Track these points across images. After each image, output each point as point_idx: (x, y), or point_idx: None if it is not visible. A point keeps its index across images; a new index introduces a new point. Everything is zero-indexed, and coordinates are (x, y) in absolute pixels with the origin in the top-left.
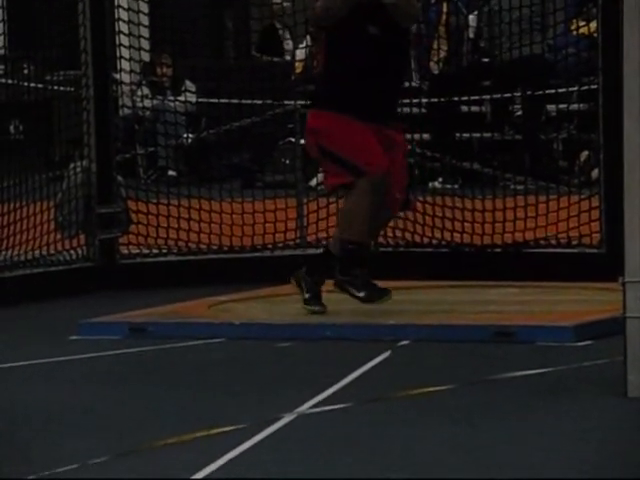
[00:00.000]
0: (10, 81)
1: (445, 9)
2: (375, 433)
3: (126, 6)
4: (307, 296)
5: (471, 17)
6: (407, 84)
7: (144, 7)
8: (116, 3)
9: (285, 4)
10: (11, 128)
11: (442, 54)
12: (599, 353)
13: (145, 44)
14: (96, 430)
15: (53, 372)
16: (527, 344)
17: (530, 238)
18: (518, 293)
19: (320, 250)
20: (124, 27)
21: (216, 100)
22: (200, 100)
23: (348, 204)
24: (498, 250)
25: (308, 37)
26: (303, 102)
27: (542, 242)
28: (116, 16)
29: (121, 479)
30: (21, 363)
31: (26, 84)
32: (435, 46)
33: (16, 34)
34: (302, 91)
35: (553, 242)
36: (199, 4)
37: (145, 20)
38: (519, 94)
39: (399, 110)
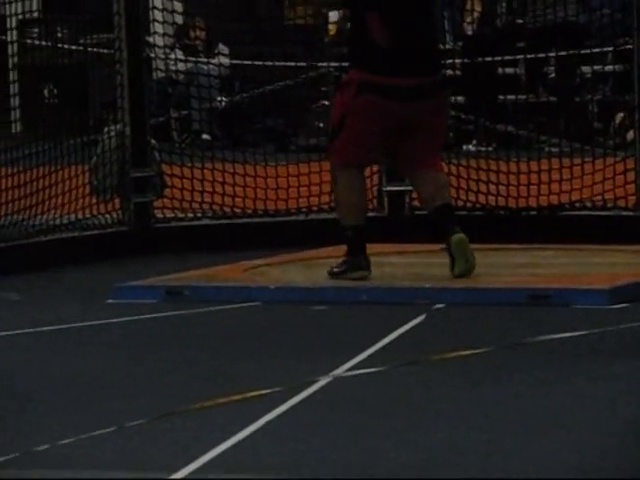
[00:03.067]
0: (44, 44)
1: None
2: (410, 396)
3: None
4: None
5: None
6: (441, 46)
7: None
8: None
9: None
10: (45, 92)
11: (475, 15)
12: (634, 316)
13: (178, 7)
14: (132, 393)
15: (90, 336)
16: (562, 307)
17: (565, 200)
18: (553, 256)
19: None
20: None
21: (249, 62)
22: (233, 62)
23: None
24: (533, 213)
25: None
26: (336, 64)
27: (577, 204)
28: None
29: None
30: (57, 327)
31: (60, 47)
32: (468, 7)
33: None
34: (336, 54)
35: (588, 204)
36: None
37: None
38: (553, 55)
39: None
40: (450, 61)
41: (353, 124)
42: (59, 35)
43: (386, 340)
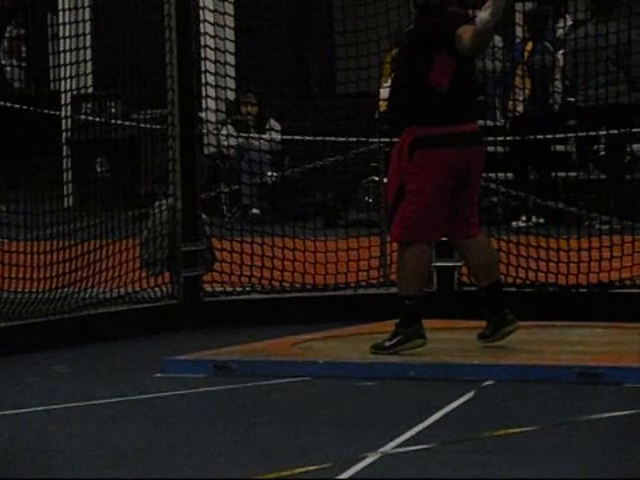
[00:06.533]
0: (97, 119)
1: (529, 47)
2: (459, 474)
3: (213, 46)
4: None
5: (559, 56)
6: (490, 123)
7: (230, 47)
8: (203, 43)
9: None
10: (97, 166)
11: (527, 93)
12: None
13: (231, 83)
14: (179, 468)
15: (137, 410)
16: (614, 385)
17: (616, 278)
18: (604, 334)
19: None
20: (210, 66)
21: (300, 138)
22: (284, 138)
23: None
24: (583, 290)
25: (393, 76)
26: (386, 140)
27: (627, 282)
28: (202, 55)
29: None
30: (106, 400)
31: (113, 122)
32: (520, 85)
33: (103, 73)
34: (386, 130)
35: (638, 282)
36: (284, 44)
37: (231, 59)
38: (604, 133)
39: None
40: (500, 138)
41: (413, 189)
42: (112, 110)
43: (434, 417)
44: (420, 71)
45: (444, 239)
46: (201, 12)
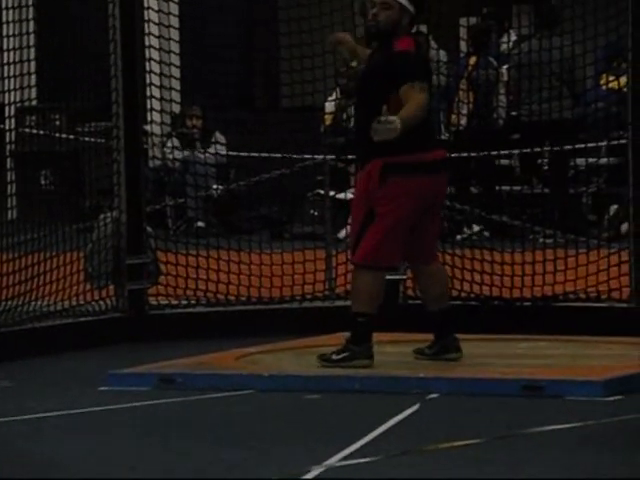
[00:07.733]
0: (41, 132)
1: (472, 62)
2: None
3: (158, 58)
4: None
5: (503, 71)
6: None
7: (175, 59)
8: (147, 55)
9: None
10: (42, 178)
11: (470, 107)
12: (629, 408)
13: (176, 96)
14: None
15: (81, 423)
16: (556, 398)
17: (559, 292)
18: (547, 347)
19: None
20: (155, 79)
21: (246, 153)
22: (230, 153)
23: None
24: (527, 303)
25: (337, 90)
26: (332, 154)
27: (571, 296)
28: (147, 68)
29: None
30: (50, 414)
31: (57, 135)
32: (464, 99)
33: (47, 85)
34: (331, 143)
35: (582, 296)
36: (230, 57)
37: (176, 72)
38: (547, 148)
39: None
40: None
41: (384, 213)
42: (56, 123)
43: (379, 430)
44: (379, 104)
45: None
46: (146, 25)
